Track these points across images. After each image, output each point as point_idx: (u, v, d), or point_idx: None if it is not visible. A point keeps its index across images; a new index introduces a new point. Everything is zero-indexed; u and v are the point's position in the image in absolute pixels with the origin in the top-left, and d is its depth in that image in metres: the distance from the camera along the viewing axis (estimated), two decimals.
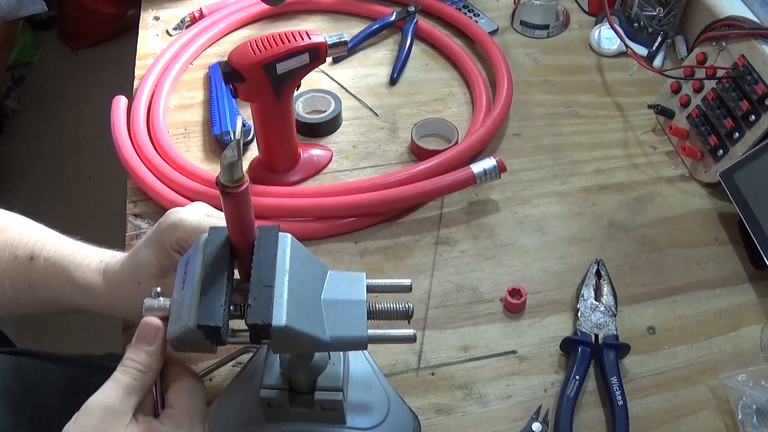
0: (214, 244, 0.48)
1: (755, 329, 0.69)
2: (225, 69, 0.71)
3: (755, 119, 0.76)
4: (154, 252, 0.55)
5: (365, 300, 0.50)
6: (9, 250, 0.60)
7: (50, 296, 0.60)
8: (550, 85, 0.96)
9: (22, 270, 0.59)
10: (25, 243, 0.60)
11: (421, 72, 0.98)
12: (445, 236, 0.78)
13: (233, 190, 0.44)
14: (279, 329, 0.45)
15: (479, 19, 1.05)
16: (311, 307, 0.48)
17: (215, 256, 0.48)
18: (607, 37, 1.00)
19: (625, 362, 0.66)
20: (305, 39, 0.72)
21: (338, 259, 0.75)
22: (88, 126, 2.04)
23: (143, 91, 0.90)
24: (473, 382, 0.65)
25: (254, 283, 0.46)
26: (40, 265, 0.59)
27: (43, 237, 0.61)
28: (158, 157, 0.82)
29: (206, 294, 0.46)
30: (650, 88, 0.94)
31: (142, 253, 0.56)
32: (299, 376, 0.52)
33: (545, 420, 0.62)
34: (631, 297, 0.72)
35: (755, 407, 0.60)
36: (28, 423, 0.71)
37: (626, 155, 0.87)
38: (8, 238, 0.61)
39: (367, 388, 0.57)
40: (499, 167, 0.79)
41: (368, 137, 0.89)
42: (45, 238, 0.61)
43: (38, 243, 0.60)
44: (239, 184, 0.44)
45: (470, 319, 0.70)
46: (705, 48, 0.86)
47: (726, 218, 0.79)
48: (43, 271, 0.59)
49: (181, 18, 1.03)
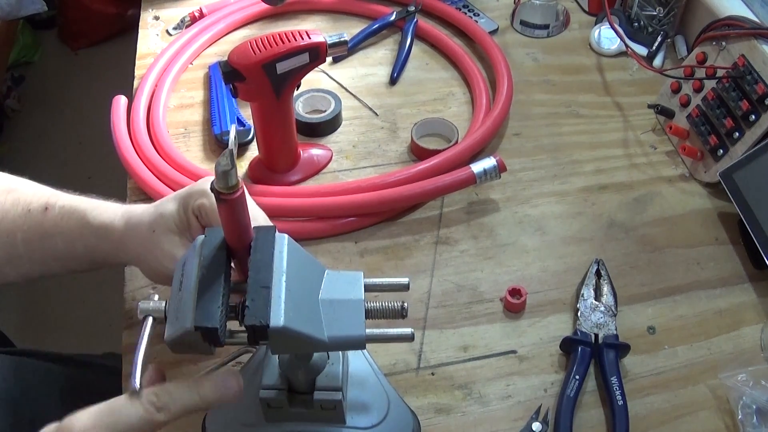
0: (211, 246, 0.48)
1: (755, 329, 0.69)
2: (225, 69, 0.71)
3: (755, 119, 0.76)
4: (177, 208, 0.57)
5: (363, 299, 0.50)
6: (22, 206, 0.61)
7: (63, 246, 0.60)
8: (550, 84, 0.96)
9: (36, 221, 0.60)
10: (39, 197, 0.61)
11: (421, 72, 0.98)
12: (445, 236, 0.78)
13: (228, 196, 0.44)
14: (277, 330, 0.44)
15: (479, 18, 1.05)
16: (309, 308, 0.48)
17: (212, 257, 0.48)
18: (607, 36, 1.00)
19: (625, 362, 0.66)
20: (305, 39, 0.72)
21: (338, 259, 0.75)
22: (88, 126, 2.04)
23: (143, 90, 0.90)
24: (473, 381, 0.65)
25: (251, 285, 0.46)
26: (56, 213, 0.60)
27: (58, 192, 0.63)
28: (158, 157, 0.82)
29: (203, 295, 0.46)
30: (650, 88, 0.94)
31: (168, 205, 0.58)
32: (298, 376, 0.52)
33: (545, 420, 0.62)
34: (631, 297, 0.72)
35: (755, 407, 0.60)
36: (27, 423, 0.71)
37: (626, 155, 0.87)
38: (20, 196, 0.62)
39: (367, 388, 0.57)
40: (499, 167, 0.79)
41: (368, 137, 0.89)
42: (60, 193, 0.63)
43: (53, 195, 0.62)
44: (234, 191, 0.44)
45: (470, 318, 0.70)
46: (705, 48, 0.86)
47: (726, 218, 0.79)
48: (58, 218, 0.60)
49: (181, 18, 1.03)
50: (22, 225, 0.60)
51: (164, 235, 0.57)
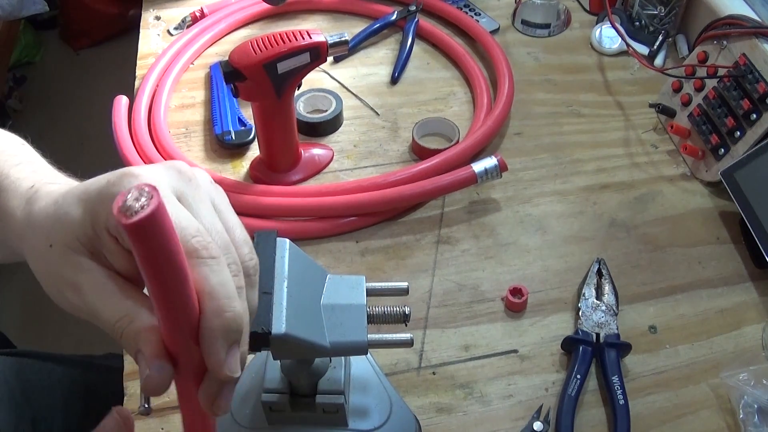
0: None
1: (757, 328, 0.69)
2: (226, 68, 0.71)
3: (756, 118, 0.76)
4: (82, 217, 0.37)
5: (365, 305, 0.50)
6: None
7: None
8: (551, 84, 0.96)
9: None
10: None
11: (422, 71, 0.98)
12: (446, 235, 0.78)
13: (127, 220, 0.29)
14: (279, 337, 0.44)
15: (480, 18, 1.05)
16: (311, 313, 0.48)
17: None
18: (608, 36, 1.00)
19: (627, 361, 0.66)
20: (306, 38, 0.72)
21: (339, 259, 0.75)
22: (89, 126, 2.04)
23: (144, 90, 0.90)
24: (474, 381, 0.65)
25: None
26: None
27: (12, 152, 0.48)
28: (159, 157, 0.82)
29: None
30: (651, 87, 0.94)
31: (73, 209, 0.38)
32: (300, 380, 0.52)
33: (546, 419, 0.62)
34: (632, 296, 0.72)
35: (756, 406, 0.60)
36: (29, 424, 0.71)
37: (627, 154, 0.87)
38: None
39: (369, 390, 0.57)
40: (500, 166, 0.79)
41: (369, 136, 0.89)
42: (15, 153, 0.48)
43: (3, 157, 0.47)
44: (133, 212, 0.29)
45: (471, 318, 0.70)
46: (706, 47, 0.86)
47: (727, 217, 0.79)
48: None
49: (182, 18, 1.03)
50: None
51: (64, 254, 0.38)
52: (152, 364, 0.33)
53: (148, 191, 0.28)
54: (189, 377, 0.34)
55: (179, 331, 0.33)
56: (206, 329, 0.33)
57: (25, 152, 0.50)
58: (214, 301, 0.33)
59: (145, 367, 0.33)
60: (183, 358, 0.33)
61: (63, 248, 0.38)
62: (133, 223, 0.27)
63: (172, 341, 0.33)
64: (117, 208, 0.27)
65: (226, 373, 0.34)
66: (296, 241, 0.52)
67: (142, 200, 0.27)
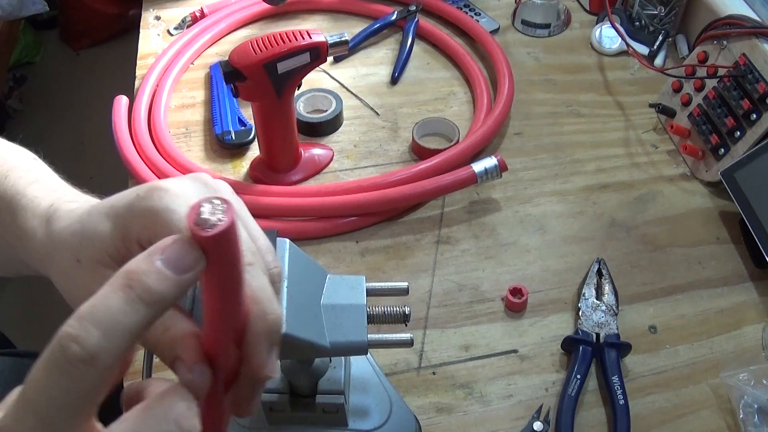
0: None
1: (757, 328, 0.69)
2: (226, 68, 0.71)
3: (756, 118, 0.76)
4: (112, 232, 0.38)
5: (365, 305, 0.50)
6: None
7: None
8: (551, 84, 0.96)
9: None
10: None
11: (422, 71, 0.98)
12: (446, 235, 0.78)
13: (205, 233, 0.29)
14: None
15: (480, 18, 1.05)
16: (311, 313, 0.48)
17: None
18: (608, 36, 1.00)
19: (627, 361, 0.66)
20: (306, 38, 0.72)
21: (339, 259, 0.75)
22: (89, 126, 2.04)
23: (144, 90, 0.90)
24: (474, 381, 0.65)
25: None
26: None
27: (8, 168, 0.48)
28: (159, 157, 0.82)
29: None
30: (651, 87, 0.94)
31: (99, 224, 0.39)
32: (300, 380, 0.52)
33: (546, 419, 0.62)
34: (632, 296, 0.72)
35: (756, 406, 0.60)
36: None
37: (627, 154, 0.87)
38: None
39: (369, 390, 0.57)
40: (500, 166, 0.79)
41: (369, 136, 0.89)
42: (11, 168, 0.48)
43: (11, 168, 0.47)
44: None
45: (471, 318, 0.70)
46: (706, 47, 0.86)
47: (727, 217, 0.79)
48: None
49: (182, 18, 1.03)
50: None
51: (92, 269, 0.39)
52: (195, 369, 0.33)
53: (221, 204, 0.28)
54: (220, 381, 0.34)
55: (226, 335, 0.33)
56: (252, 333, 0.34)
57: (39, 168, 0.50)
58: (259, 305, 0.34)
59: (185, 372, 0.33)
60: (220, 362, 0.33)
61: (92, 263, 0.39)
62: (212, 236, 0.28)
63: (214, 346, 0.33)
64: (192, 221, 0.28)
65: (266, 374, 0.35)
66: (296, 241, 0.52)
67: (218, 214, 0.28)
